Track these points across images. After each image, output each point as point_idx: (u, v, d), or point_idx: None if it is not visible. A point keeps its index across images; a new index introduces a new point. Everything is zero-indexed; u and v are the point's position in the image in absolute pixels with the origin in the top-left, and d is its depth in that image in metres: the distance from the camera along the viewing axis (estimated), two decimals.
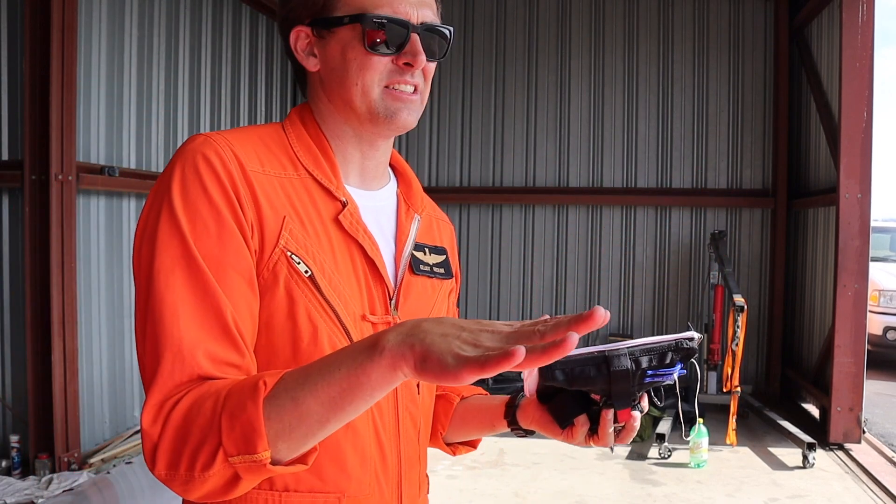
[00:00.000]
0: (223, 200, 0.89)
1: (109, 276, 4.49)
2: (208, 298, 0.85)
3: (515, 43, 6.78)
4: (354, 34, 0.97)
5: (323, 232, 0.97)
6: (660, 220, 6.65)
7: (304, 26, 1.01)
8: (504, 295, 6.83)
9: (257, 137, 0.98)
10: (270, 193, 0.93)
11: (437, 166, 6.94)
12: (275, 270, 0.91)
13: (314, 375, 0.76)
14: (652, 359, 0.93)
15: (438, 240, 1.16)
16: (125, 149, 4.62)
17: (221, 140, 0.93)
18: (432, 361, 0.68)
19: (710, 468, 4.54)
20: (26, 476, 3.94)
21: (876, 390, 7.07)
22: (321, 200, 0.98)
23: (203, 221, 0.87)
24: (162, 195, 0.89)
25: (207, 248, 0.87)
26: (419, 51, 0.98)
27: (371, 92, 0.98)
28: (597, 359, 0.93)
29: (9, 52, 4.09)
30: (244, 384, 0.79)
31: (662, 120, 6.61)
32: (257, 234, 0.91)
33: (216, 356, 0.84)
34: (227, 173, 0.90)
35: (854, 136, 4.91)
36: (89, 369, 4.31)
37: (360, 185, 1.05)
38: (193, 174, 0.89)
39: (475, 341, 0.68)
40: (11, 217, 4.12)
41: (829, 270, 5.30)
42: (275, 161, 0.97)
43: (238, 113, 5.94)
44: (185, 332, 0.83)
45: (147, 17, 4.78)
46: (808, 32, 6.01)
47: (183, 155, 0.91)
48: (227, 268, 0.87)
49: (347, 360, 0.75)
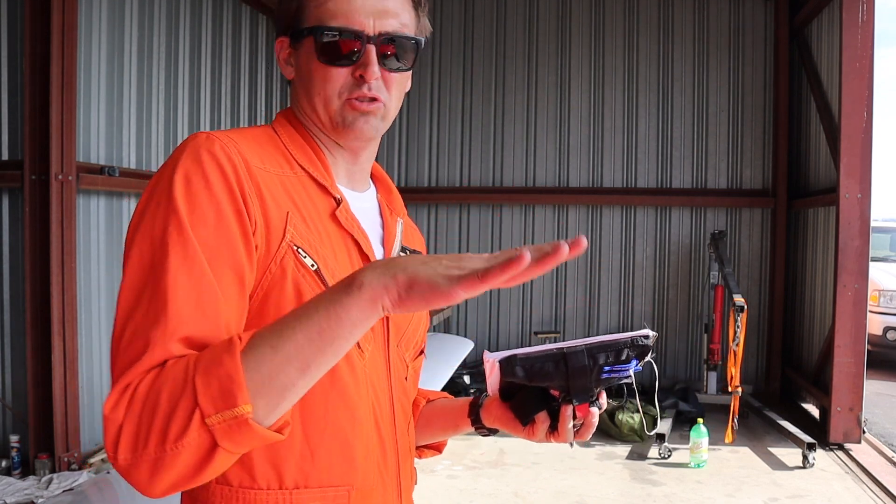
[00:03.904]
0: (226, 195, 0.87)
1: (109, 275, 4.49)
2: (203, 282, 0.83)
3: (515, 43, 6.78)
4: (314, 46, 0.99)
5: (322, 228, 0.98)
6: (660, 220, 6.65)
7: (284, 37, 1.04)
8: (504, 295, 6.83)
9: (252, 137, 0.99)
10: (273, 190, 0.94)
11: (437, 166, 6.94)
12: (282, 264, 0.91)
13: (291, 322, 0.76)
14: (608, 355, 0.97)
15: (417, 246, 1.20)
16: (125, 149, 4.61)
17: (225, 137, 0.93)
18: (420, 286, 0.70)
19: (710, 468, 4.54)
20: (26, 476, 3.94)
21: (876, 390, 7.07)
22: (318, 197, 1.00)
23: (202, 213, 0.85)
24: (162, 189, 0.88)
25: (205, 238, 0.85)
26: (371, 62, 0.98)
27: (332, 103, 1.00)
28: (556, 355, 0.97)
29: (9, 52, 4.09)
30: (217, 345, 0.77)
31: (662, 120, 6.61)
32: (262, 229, 0.90)
33: (195, 339, 0.80)
34: (232, 168, 0.89)
35: (854, 136, 4.91)
36: (89, 369, 4.31)
37: (348, 185, 1.07)
38: (197, 168, 0.88)
39: (459, 265, 0.70)
40: (11, 217, 4.12)
41: (829, 270, 5.30)
42: (272, 160, 0.98)
43: (238, 113, 5.94)
44: (174, 313, 0.80)
45: (147, 17, 4.78)
46: (808, 32, 6.01)
47: (186, 150, 0.90)
48: (222, 261, 0.85)
49: (324, 300, 0.75)
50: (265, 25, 6.24)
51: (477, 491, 4.19)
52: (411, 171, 6.97)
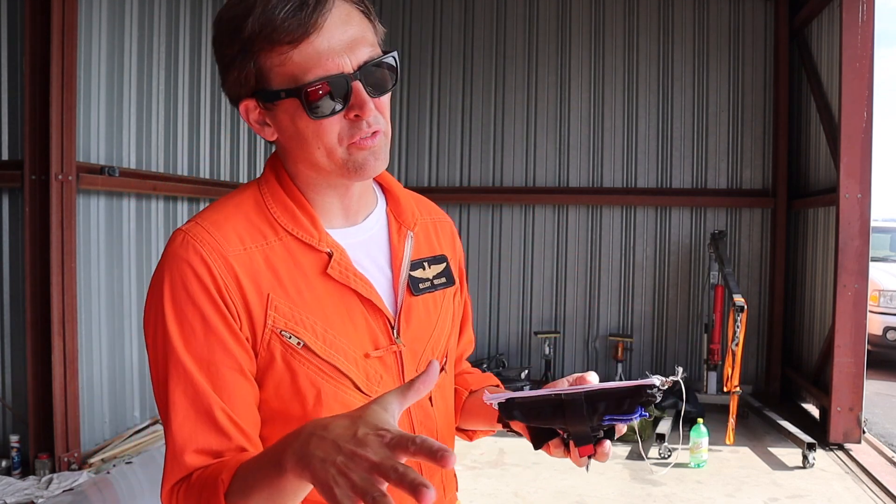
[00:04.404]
0: (208, 304, 0.94)
1: (109, 276, 4.49)
2: (197, 400, 0.93)
3: (515, 43, 6.78)
4: (297, 105, 0.94)
5: (309, 291, 0.99)
6: (660, 220, 6.65)
7: (249, 99, 0.99)
8: (504, 295, 6.83)
9: (235, 209, 1.00)
10: (254, 272, 0.97)
11: (437, 166, 6.94)
12: (270, 349, 0.97)
13: (252, 476, 0.85)
14: (609, 404, 0.93)
15: (437, 245, 1.17)
16: (125, 149, 4.61)
17: (201, 234, 0.96)
18: (319, 489, 0.74)
19: (710, 468, 4.54)
20: (26, 476, 3.94)
21: (876, 390, 7.07)
22: (305, 258, 1.00)
23: (190, 327, 0.94)
24: (155, 302, 0.96)
25: (196, 352, 0.94)
26: (364, 100, 0.94)
27: (335, 152, 0.97)
28: (553, 401, 0.94)
29: (9, 52, 4.09)
30: (210, 480, 0.89)
31: (662, 120, 6.61)
32: (246, 322, 0.96)
33: (205, 449, 0.93)
34: (209, 275, 0.94)
35: (854, 136, 4.91)
36: (89, 369, 4.31)
37: (346, 223, 1.06)
38: (179, 282, 0.94)
39: (346, 471, 0.71)
40: (11, 217, 4.12)
41: (829, 270, 5.30)
42: (255, 232, 0.99)
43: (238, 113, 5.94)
44: (178, 434, 0.93)
45: (147, 16, 4.78)
46: (808, 32, 6.01)
47: (168, 261, 0.96)
48: (217, 365, 0.94)
49: (269, 467, 0.82)
50: None
51: (477, 491, 4.19)
52: (411, 171, 6.97)
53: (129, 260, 4.66)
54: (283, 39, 0.91)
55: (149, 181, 4.70)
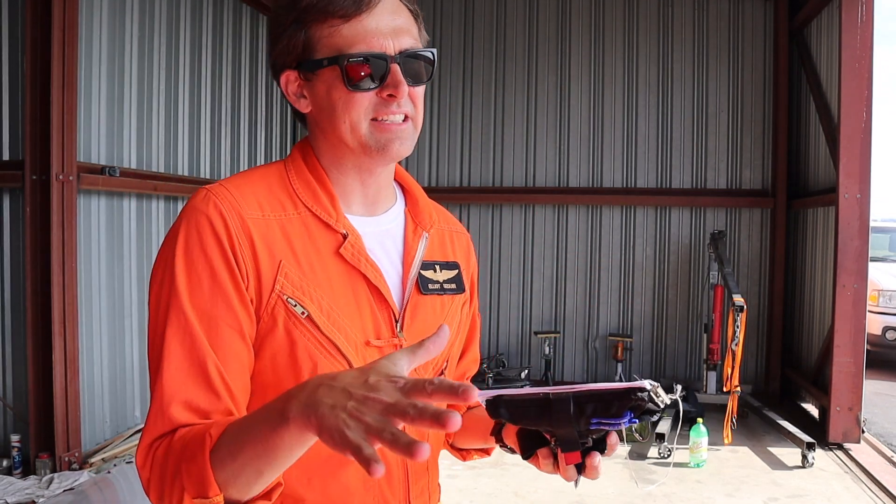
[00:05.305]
0: (220, 258, 0.95)
1: (110, 275, 4.49)
2: (194, 351, 0.92)
3: (515, 43, 6.78)
4: (336, 74, 0.99)
5: (321, 267, 1.01)
6: (660, 220, 6.65)
7: (291, 70, 1.04)
8: (504, 295, 6.83)
9: (259, 178, 1.04)
10: (269, 238, 0.98)
11: (437, 166, 6.95)
12: (273, 314, 0.98)
13: (245, 431, 0.83)
14: (597, 407, 0.90)
15: (451, 253, 1.18)
16: (125, 149, 4.62)
17: (223, 193, 0.98)
18: (326, 436, 0.72)
19: (709, 468, 4.55)
20: (27, 476, 3.95)
21: (875, 390, 7.07)
22: (321, 235, 1.02)
23: (198, 278, 0.94)
24: (167, 251, 0.97)
25: (199, 304, 0.94)
26: (400, 81, 0.99)
27: (359, 127, 1.01)
28: (540, 401, 0.91)
29: (10, 52, 4.09)
30: (196, 436, 0.86)
31: (662, 120, 6.61)
32: (254, 282, 0.97)
33: (193, 404, 0.91)
34: (225, 229, 0.96)
35: (853, 136, 4.92)
36: (90, 369, 4.31)
37: (364, 211, 1.08)
38: (194, 233, 0.96)
39: (358, 414, 0.69)
40: (12, 217, 4.12)
41: (829, 270, 5.30)
42: (275, 202, 1.01)
43: (238, 113, 5.95)
44: (168, 383, 0.91)
45: (148, 16, 4.78)
46: (808, 33, 6.02)
47: (187, 213, 0.98)
48: (218, 321, 0.94)
49: (267, 421, 0.80)
50: (265, 25, 6.24)
51: (477, 491, 4.19)
52: (411, 171, 6.97)
53: (130, 260, 4.67)
54: (337, 13, 0.98)
55: (149, 181, 4.71)
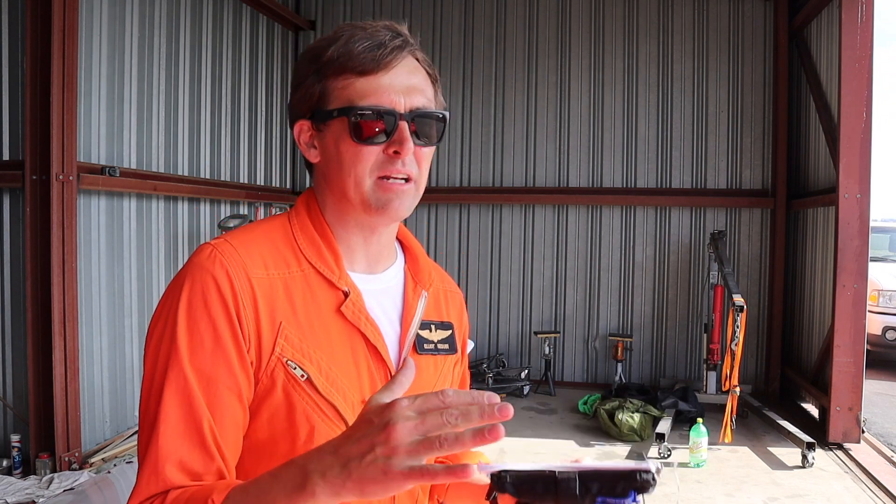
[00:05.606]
0: (223, 319, 0.94)
1: (110, 275, 4.50)
2: (191, 412, 0.91)
3: (515, 43, 6.79)
4: (344, 126, 1.00)
5: (321, 325, 1.00)
6: (660, 220, 6.65)
7: (305, 120, 1.05)
8: (504, 295, 6.83)
9: (264, 234, 1.03)
10: (272, 298, 0.98)
11: (437, 166, 6.94)
12: (272, 376, 0.97)
13: (256, 499, 0.79)
14: (602, 486, 0.93)
15: (445, 313, 1.19)
16: (125, 149, 4.62)
17: (229, 251, 0.98)
18: (371, 486, 0.70)
19: (709, 468, 4.55)
20: (27, 475, 3.95)
21: (875, 390, 7.07)
22: (323, 292, 1.02)
23: (200, 338, 0.93)
24: (169, 307, 0.95)
25: (200, 365, 0.92)
26: (406, 138, 0.99)
27: (363, 183, 1.01)
28: (546, 478, 0.93)
29: (10, 52, 4.09)
30: (197, 497, 0.84)
31: (662, 120, 6.61)
32: (255, 345, 0.96)
33: (188, 466, 0.90)
34: (231, 292, 0.95)
35: (853, 136, 4.92)
36: (90, 369, 4.32)
37: (366, 269, 1.09)
38: (199, 291, 0.95)
39: (395, 446, 0.69)
40: (12, 217, 4.13)
41: (829, 270, 5.30)
42: (280, 259, 1.01)
43: (238, 113, 5.95)
44: (164, 443, 0.89)
45: (148, 17, 4.79)
46: (808, 33, 6.02)
47: (192, 269, 0.96)
48: (218, 383, 0.93)
49: (282, 495, 0.76)
50: (265, 25, 6.24)
51: None
52: None
53: (130, 260, 4.67)
54: (355, 68, 1.00)
55: (149, 181, 4.71)
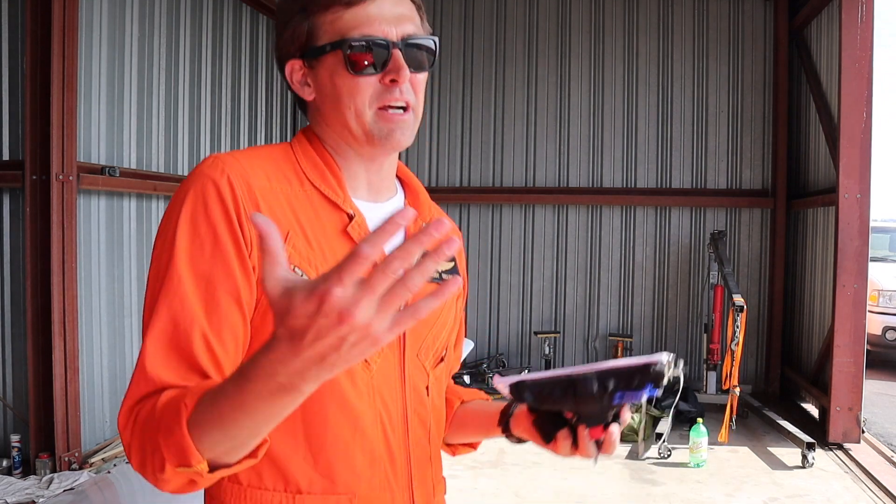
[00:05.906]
0: (224, 223, 0.93)
1: (110, 275, 4.49)
2: (184, 313, 0.90)
3: (515, 43, 6.79)
4: (338, 60, 1.00)
5: (328, 244, 1.00)
6: (660, 220, 6.65)
7: (295, 59, 1.05)
8: (504, 295, 6.83)
9: (266, 154, 1.03)
10: (276, 209, 0.97)
11: (437, 166, 6.95)
12: None
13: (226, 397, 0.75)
14: (619, 381, 0.94)
15: None
16: (125, 149, 4.62)
17: (230, 159, 0.97)
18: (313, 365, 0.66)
19: (709, 468, 4.55)
20: (27, 476, 3.95)
21: (875, 390, 7.07)
22: (327, 214, 1.02)
23: (200, 242, 0.93)
24: (170, 215, 0.95)
25: (198, 267, 0.92)
26: (402, 66, 1.00)
27: (364, 115, 1.01)
28: (563, 382, 0.95)
29: (9, 52, 4.09)
30: (171, 405, 0.81)
31: (662, 120, 6.61)
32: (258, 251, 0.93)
33: (174, 367, 0.89)
34: (232, 196, 0.94)
35: (853, 137, 4.92)
36: (90, 369, 4.31)
37: (368, 197, 1.08)
38: (200, 197, 0.94)
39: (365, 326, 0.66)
40: (12, 217, 4.13)
41: (829, 270, 5.30)
42: (281, 177, 1.01)
43: (238, 113, 5.95)
44: (151, 346, 0.89)
45: (148, 16, 4.78)
46: (808, 33, 6.02)
47: (194, 177, 0.96)
48: (216, 285, 0.92)
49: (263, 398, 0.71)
50: (265, 25, 6.24)
51: (477, 491, 4.19)
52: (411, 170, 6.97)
53: (130, 260, 4.67)
54: (342, 0, 0.99)
55: (149, 181, 4.71)
